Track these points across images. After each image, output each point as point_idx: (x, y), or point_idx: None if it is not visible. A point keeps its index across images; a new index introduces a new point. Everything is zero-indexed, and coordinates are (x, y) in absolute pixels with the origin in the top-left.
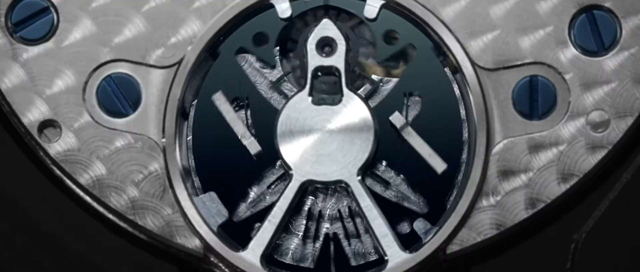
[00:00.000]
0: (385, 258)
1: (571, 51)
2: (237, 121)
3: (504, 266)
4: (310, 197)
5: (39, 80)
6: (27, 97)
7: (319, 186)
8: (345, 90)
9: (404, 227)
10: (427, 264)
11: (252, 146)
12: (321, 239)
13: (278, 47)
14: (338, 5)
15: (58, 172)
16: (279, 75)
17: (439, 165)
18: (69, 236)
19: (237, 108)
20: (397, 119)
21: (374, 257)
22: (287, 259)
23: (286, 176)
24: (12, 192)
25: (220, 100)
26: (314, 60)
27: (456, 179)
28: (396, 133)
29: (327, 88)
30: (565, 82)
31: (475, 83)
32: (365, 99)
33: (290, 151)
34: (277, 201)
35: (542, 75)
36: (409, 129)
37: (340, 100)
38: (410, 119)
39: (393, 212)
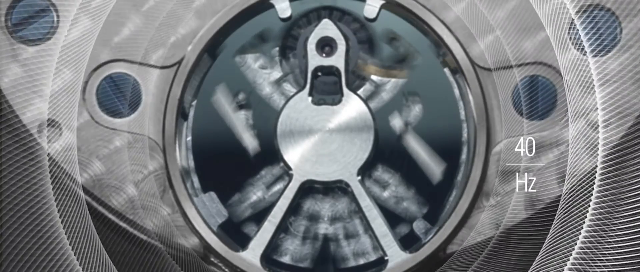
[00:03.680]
0: (385, 258)
1: (571, 51)
2: (236, 118)
3: (504, 265)
4: (310, 197)
5: (38, 80)
6: (27, 97)
7: (318, 186)
8: (345, 90)
9: (404, 228)
10: (427, 264)
11: (251, 143)
12: (320, 239)
13: (279, 47)
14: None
15: (57, 172)
16: (279, 75)
17: (435, 171)
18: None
19: (237, 106)
20: (396, 121)
21: (373, 257)
22: (287, 259)
23: (286, 175)
24: (11, 191)
25: (220, 97)
26: (314, 60)
27: (456, 179)
28: (396, 135)
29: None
30: (565, 82)
31: (475, 83)
32: (365, 99)
33: (290, 150)
34: (277, 201)
35: (542, 75)
36: (409, 132)
37: (340, 100)
38: (410, 120)
39: (392, 213)
